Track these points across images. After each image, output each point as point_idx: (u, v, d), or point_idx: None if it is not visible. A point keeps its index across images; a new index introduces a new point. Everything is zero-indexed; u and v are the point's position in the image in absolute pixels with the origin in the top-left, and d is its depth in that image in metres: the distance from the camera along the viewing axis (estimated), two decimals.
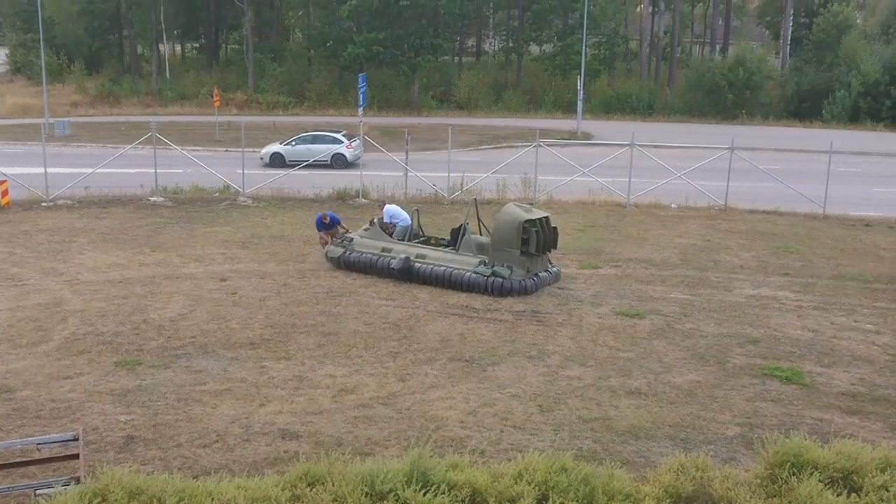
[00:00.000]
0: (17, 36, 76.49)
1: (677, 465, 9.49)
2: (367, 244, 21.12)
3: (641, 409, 14.01)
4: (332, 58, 62.61)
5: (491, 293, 19.61)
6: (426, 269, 20.21)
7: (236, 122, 42.23)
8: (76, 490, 8.13)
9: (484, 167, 32.90)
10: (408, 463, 8.92)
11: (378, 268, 20.71)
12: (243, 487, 8.53)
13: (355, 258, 20.98)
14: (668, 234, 26.33)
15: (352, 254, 21.05)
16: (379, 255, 20.79)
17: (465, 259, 20.21)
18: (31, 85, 67.61)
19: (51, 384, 14.34)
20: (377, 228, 21.49)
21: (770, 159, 37.62)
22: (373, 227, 21.55)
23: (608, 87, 64.41)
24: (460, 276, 19.89)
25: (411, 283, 20.28)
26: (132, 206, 28.28)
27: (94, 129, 48.98)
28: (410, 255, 20.49)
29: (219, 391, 14.25)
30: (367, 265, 20.84)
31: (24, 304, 18.34)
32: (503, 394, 14.43)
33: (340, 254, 21.18)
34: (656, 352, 16.56)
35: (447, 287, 19.95)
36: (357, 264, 20.96)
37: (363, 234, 21.53)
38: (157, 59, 69.05)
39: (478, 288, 19.70)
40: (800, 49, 68.21)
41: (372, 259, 20.77)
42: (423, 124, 52.47)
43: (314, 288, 19.84)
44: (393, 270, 20.33)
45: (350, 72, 60.30)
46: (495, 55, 78.23)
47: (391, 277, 20.48)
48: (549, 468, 9.13)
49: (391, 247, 20.94)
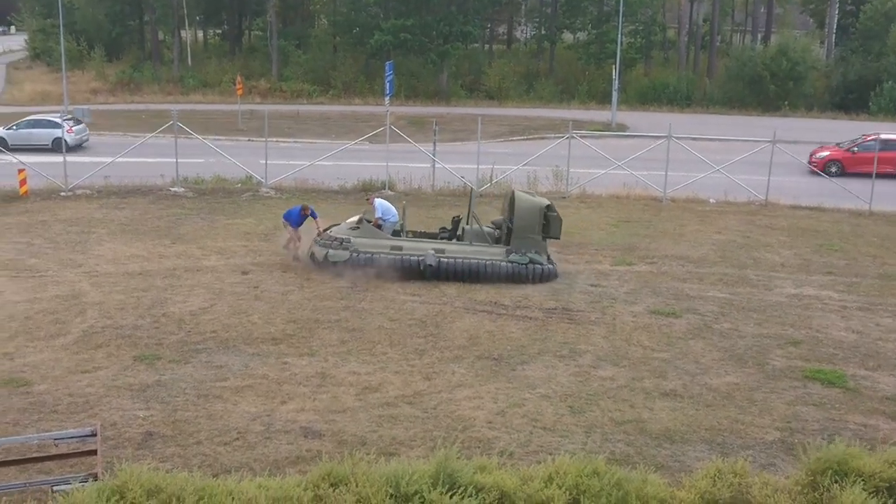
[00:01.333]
0: (36, 21, 76.58)
1: (714, 471, 9.34)
2: (371, 244, 19.69)
3: (677, 411, 13.64)
4: (359, 45, 62.26)
5: (531, 281, 19.47)
6: (455, 263, 19.65)
7: (259, 111, 42.01)
8: (94, 487, 8.05)
9: (514, 159, 32.48)
10: (434, 464, 8.76)
11: (401, 268, 19.49)
12: (264, 487, 8.43)
13: (366, 259, 19.46)
14: (706, 229, 25.82)
15: (360, 255, 19.53)
16: (398, 254, 19.60)
17: (487, 250, 19.97)
18: (51, 71, 67.85)
19: (68, 378, 14.11)
20: (369, 226, 20.20)
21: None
22: (364, 225, 20.13)
23: (644, 77, 63.59)
24: (498, 267, 19.59)
25: (430, 279, 19.56)
26: (152, 196, 28.05)
27: (114, 117, 49.03)
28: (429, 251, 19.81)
29: (240, 387, 13.96)
30: (386, 266, 19.46)
31: (42, 296, 18.13)
32: (533, 394, 14.08)
33: (347, 257, 19.48)
34: (693, 352, 16.11)
35: (480, 281, 19.53)
36: (372, 266, 19.47)
37: (356, 233, 19.90)
38: (179, 46, 68.74)
39: (519, 277, 19.56)
40: (846, 38, 66.93)
41: (392, 259, 19.49)
42: (452, 114, 52.11)
43: (338, 282, 19.43)
44: (428, 268, 19.41)
45: (377, 59, 59.90)
46: (527, 43, 77.74)
47: (411, 277, 19.50)
48: (581, 471, 8.97)
49: (401, 244, 19.86)
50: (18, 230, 23.45)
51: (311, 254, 19.98)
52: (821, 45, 69.37)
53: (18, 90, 60.97)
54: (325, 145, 39.02)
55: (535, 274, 19.68)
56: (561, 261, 21.83)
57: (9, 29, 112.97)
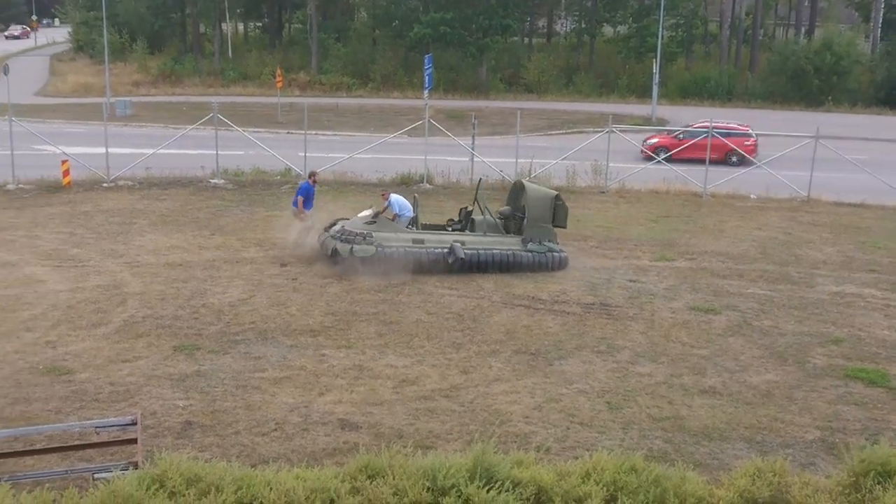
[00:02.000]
0: (79, 14, 77.47)
1: (753, 469, 9.16)
2: (393, 238, 19.46)
3: (715, 409, 13.48)
4: (398, 38, 62.29)
5: (550, 269, 19.94)
6: (479, 254, 19.72)
7: (298, 104, 42.18)
8: (134, 475, 8.09)
9: (553, 153, 32.27)
10: (471, 458, 8.69)
11: (427, 261, 19.37)
12: (302, 478, 8.38)
13: (392, 254, 19.19)
14: (747, 226, 25.54)
15: (385, 250, 19.24)
16: (421, 248, 19.49)
17: (504, 240, 20.21)
18: (93, 64, 68.58)
19: (109, 367, 14.23)
20: (386, 220, 20.04)
21: (858, 149, 36.16)
22: (381, 219, 19.96)
23: (685, 71, 62.96)
24: (520, 257, 19.83)
25: (456, 271, 19.55)
26: (192, 188, 28.25)
27: (156, 108, 49.44)
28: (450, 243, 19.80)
29: (278, 379, 14.01)
30: (411, 260, 19.30)
31: (85, 285, 18.32)
32: (570, 389, 13.99)
33: (374, 252, 19.13)
34: (732, 349, 15.93)
35: (503, 271, 19.70)
36: (398, 261, 19.24)
37: (374, 227, 19.64)
38: (220, 39, 69.14)
39: (540, 266, 19.85)
40: (892, 33, 65.81)
41: (418, 253, 19.36)
42: (491, 108, 52.00)
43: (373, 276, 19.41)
44: (458, 261, 19.35)
45: (416, 52, 59.84)
46: (567, 36, 77.31)
47: (433, 270, 19.42)
48: (619, 468, 8.84)
49: (422, 237, 19.79)
50: (61, 220, 23.73)
51: (334, 249, 19.41)
52: (866, 39, 68.24)
53: (62, 82, 61.68)
54: (363, 138, 39.04)
55: (553, 261, 20.05)
56: (599, 256, 21.77)
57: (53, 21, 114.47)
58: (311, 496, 7.99)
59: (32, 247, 21.05)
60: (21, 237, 21.92)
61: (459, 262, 19.41)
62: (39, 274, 18.99)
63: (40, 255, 20.35)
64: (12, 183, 27.51)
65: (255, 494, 7.95)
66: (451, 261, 19.40)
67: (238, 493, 7.97)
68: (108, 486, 7.78)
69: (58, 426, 11.59)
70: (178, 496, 7.80)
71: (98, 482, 8.82)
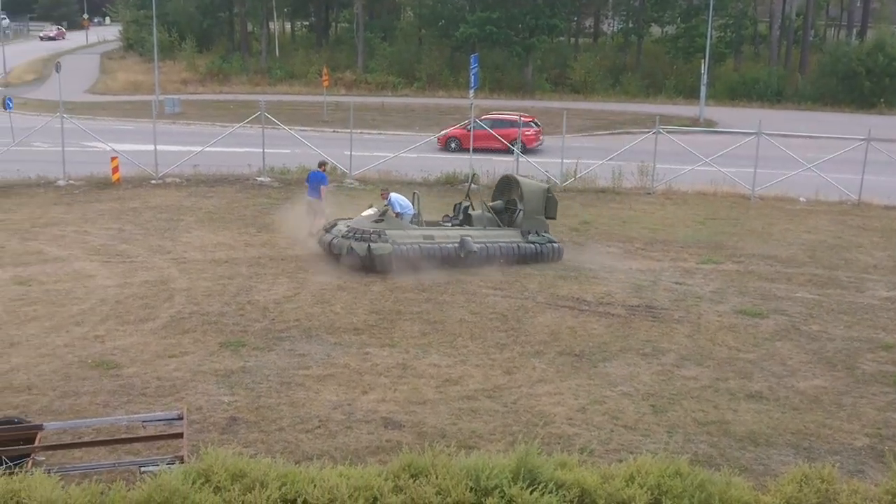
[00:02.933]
0: (130, 13, 78.48)
1: (800, 475, 8.95)
2: (404, 235, 19.63)
3: (762, 413, 13.33)
4: (444, 37, 62.34)
5: (550, 259, 20.69)
6: (488, 247, 20.08)
7: (344, 103, 42.37)
8: (180, 469, 8.12)
9: (599, 154, 32.13)
10: (514, 459, 8.61)
11: (439, 257, 19.56)
12: (345, 475, 8.34)
13: (407, 251, 19.32)
14: (796, 229, 25.22)
15: (400, 248, 19.30)
16: (433, 243, 19.68)
17: (505, 232, 20.77)
18: (143, 62, 69.41)
19: (156, 362, 14.40)
20: (393, 217, 20.11)
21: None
22: (388, 217, 19.97)
23: (734, 72, 62.19)
24: (525, 249, 20.45)
25: (467, 266, 19.80)
26: (239, 185, 28.50)
27: (203, 107, 49.93)
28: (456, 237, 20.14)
29: (322, 376, 14.07)
30: (425, 256, 19.45)
31: (132, 280, 18.55)
32: (614, 391, 13.90)
33: (391, 250, 19.16)
34: (779, 354, 15.73)
35: (508, 262, 20.17)
36: (414, 257, 19.38)
37: (384, 225, 19.67)
38: (267, 37, 69.65)
39: (543, 257, 20.63)
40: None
41: (431, 249, 19.56)
42: (537, 108, 51.78)
43: (419, 274, 19.43)
44: (470, 254, 19.63)
45: (462, 52, 59.84)
46: (614, 36, 76.83)
47: (441, 265, 19.57)
48: (663, 471, 8.68)
49: (432, 233, 20.09)
50: (110, 216, 24.05)
51: (349, 248, 19.34)
52: None
53: (112, 80, 62.60)
54: (408, 137, 39.17)
55: (553, 252, 20.77)
56: (645, 258, 21.61)
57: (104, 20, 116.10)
58: (355, 494, 7.99)
59: (82, 242, 21.37)
60: (71, 232, 22.26)
61: (471, 256, 19.66)
62: (89, 269, 19.27)
63: (90, 251, 20.66)
64: (63, 179, 27.94)
65: (298, 491, 7.96)
66: (464, 254, 19.68)
67: (282, 489, 7.98)
68: (154, 480, 7.83)
69: (106, 419, 11.77)
70: (223, 491, 7.83)
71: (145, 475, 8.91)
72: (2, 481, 7.64)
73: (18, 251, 20.48)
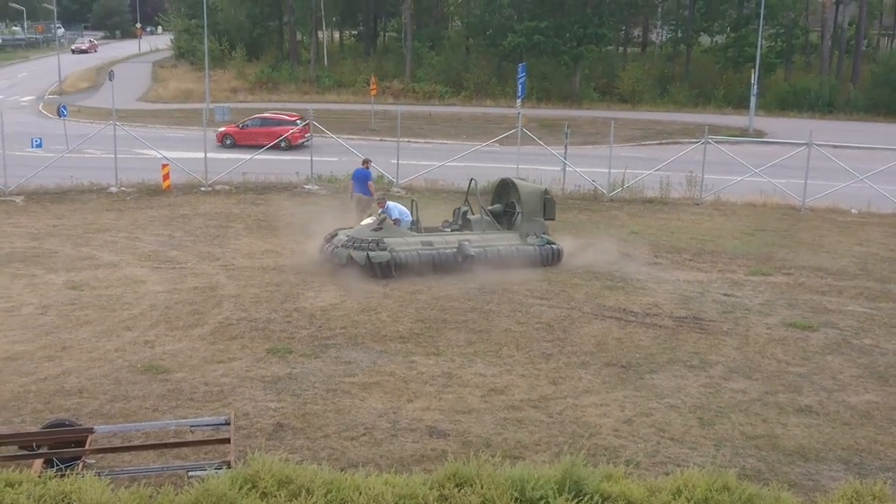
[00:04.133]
0: (181, 22, 79.58)
1: (851, 492, 8.75)
2: (402, 242, 19.83)
3: (811, 428, 13.11)
4: (492, 46, 62.37)
5: (552, 262, 20.86)
6: (488, 251, 20.23)
7: (392, 112, 42.51)
8: (227, 475, 8.13)
9: (647, 164, 31.92)
10: (560, 470, 8.51)
11: (439, 263, 19.78)
12: (391, 483, 8.30)
13: (406, 258, 19.56)
14: (847, 241, 24.83)
15: (399, 255, 19.54)
16: (432, 250, 19.89)
17: (504, 236, 20.93)
18: (194, 70, 70.30)
19: (204, 367, 14.53)
20: (392, 225, 20.33)
21: None
22: (386, 225, 20.17)
23: (784, 82, 61.50)
24: (525, 252, 20.58)
25: (466, 271, 19.93)
26: (287, 193, 28.73)
27: (253, 115, 50.26)
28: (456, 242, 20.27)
29: (367, 384, 14.11)
30: (424, 262, 19.68)
31: (182, 287, 18.75)
32: (661, 403, 13.77)
33: (389, 258, 19.43)
34: (830, 368, 15.48)
35: (507, 266, 20.15)
36: (413, 264, 19.61)
37: (382, 233, 19.86)
38: (316, 46, 70.19)
39: (545, 260, 20.79)
40: None
41: (430, 255, 19.79)
42: (584, 117, 51.67)
43: (466, 283, 19.48)
44: (468, 259, 19.79)
45: (509, 61, 59.85)
46: (662, 46, 76.40)
47: (442, 271, 19.74)
48: (711, 485, 8.51)
49: (430, 239, 20.28)
50: (161, 223, 24.37)
51: (349, 258, 19.56)
52: None
53: (163, 88, 63.51)
54: (455, 146, 39.24)
55: (553, 254, 20.95)
56: (693, 269, 21.41)
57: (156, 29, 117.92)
58: (400, 502, 7.97)
59: (133, 248, 21.68)
60: (122, 238, 22.59)
61: (470, 260, 19.80)
62: (139, 275, 19.54)
63: (140, 257, 20.94)
64: (115, 186, 28.38)
65: (344, 498, 7.96)
66: (462, 259, 19.83)
67: (328, 495, 7.98)
68: (202, 485, 7.87)
69: (154, 424, 11.87)
70: (270, 497, 7.86)
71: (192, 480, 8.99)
72: (53, 483, 7.74)
73: (71, 256, 20.83)
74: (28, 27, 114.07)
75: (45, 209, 25.81)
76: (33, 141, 30.77)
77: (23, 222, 24.16)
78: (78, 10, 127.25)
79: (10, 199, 26.80)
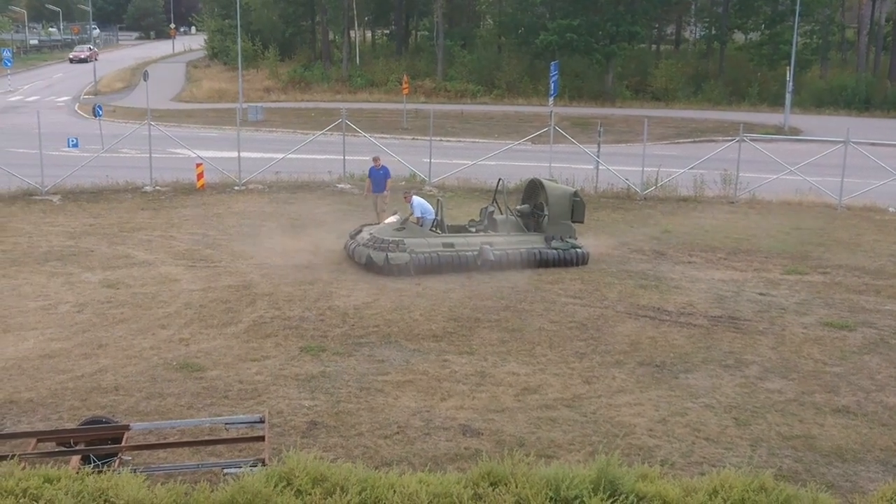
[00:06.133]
0: (215, 22, 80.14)
1: (891, 493, 8.70)
2: (423, 243, 19.81)
3: (849, 429, 12.95)
4: (524, 45, 62.22)
5: (576, 264, 20.55)
6: (508, 254, 20.09)
7: (424, 111, 42.59)
8: (262, 472, 8.21)
9: (681, 162, 31.72)
10: (594, 470, 8.48)
11: (458, 265, 19.76)
12: (425, 482, 8.33)
13: (425, 259, 19.57)
14: (885, 240, 24.52)
15: (419, 256, 19.56)
16: (452, 251, 19.84)
17: (528, 238, 20.76)
18: (227, 70, 70.74)
19: (239, 365, 14.59)
20: (414, 225, 20.34)
21: None
22: (409, 225, 20.23)
23: (820, 79, 60.88)
24: (548, 255, 20.39)
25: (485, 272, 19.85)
26: (320, 192, 28.80)
27: (285, 114, 50.63)
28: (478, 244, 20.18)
29: (401, 382, 14.11)
30: (443, 265, 19.68)
31: (216, 285, 18.85)
32: (696, 403, 13.65)
33: (408, 259, 19.46)
34: (868, 368, 15.28)
35: (533, 268, 20.14)
36: (432, 267, 19.61)
37: (404, 233, 19.90)
38: (348, 46, 70.40)
39: (566, 262, 20.53)
40: None
41: (450, 257, 19.77)
42: (617, 115, 51.41)
43: (499, 281, 19.45)
44: (488, 263, 19.74)
45: (541, 60, 59.62)
46: (696, 43, 75.84)
47: (461, 272, 19.75)
48: (747, 486, 8.47)
49: (452, 241, 20.15)
50: (195, 222, 24.54)
51: (368, 257, 19.66)
52: None
53: (197, 88, 63.96)
54: (488, 145, 39.20)
55: (577, 258, 20.64)
56: (727, 268, 21.24)
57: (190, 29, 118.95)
58: (434, 501, 7.98)
59: (168, 247, 21.84)
60: (157, 237, 22.77)
61: (489, 265, 19.79)
62: (174, 273, 19.68)
63: (175, 255, 21.09)
64: (150, 185, 28.61)
65: (378, 497, 7.98)
66: (481, 263, 19.79)
67: (362, 493, 8.00)
68: (237, 482, 7.93)
69: (190, 421, 11.96)
70: (304, 495, 7.89)
71: (227, 477, 9.05)
72: (90, 480, 7.82)
73: (107, 255, 21.02)
74: (64, 28, 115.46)
75: (81, 208, 26.08)
76: (69, 141, 31.13)
77: (59, 221, 24.43)
78: (113, 11, 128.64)
79: (47, 198, 27.11)
